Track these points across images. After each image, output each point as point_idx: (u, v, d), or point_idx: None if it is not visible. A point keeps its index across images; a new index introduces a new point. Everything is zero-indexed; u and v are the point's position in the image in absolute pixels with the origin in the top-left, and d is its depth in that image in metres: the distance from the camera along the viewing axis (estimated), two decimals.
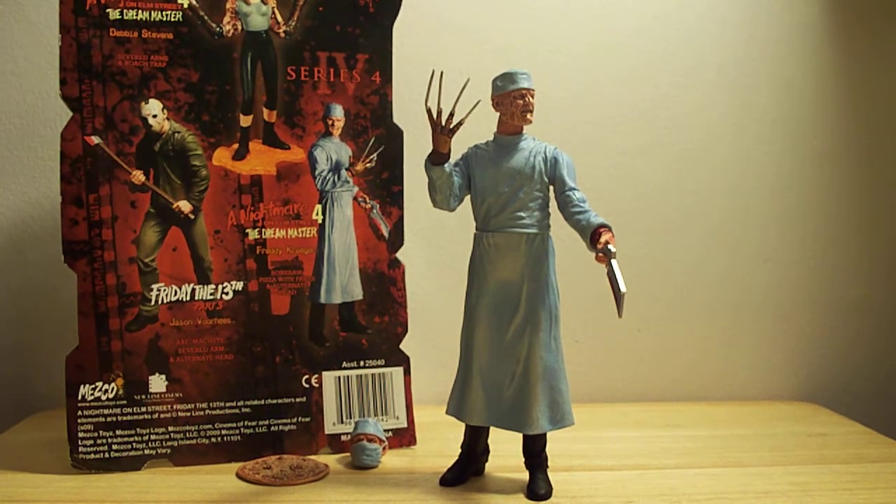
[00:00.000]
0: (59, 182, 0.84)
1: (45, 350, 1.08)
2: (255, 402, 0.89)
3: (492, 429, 0.80)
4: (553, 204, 0.79)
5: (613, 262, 0.71)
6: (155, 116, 0.86)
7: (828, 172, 1.21)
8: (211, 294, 0.88)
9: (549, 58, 1.15)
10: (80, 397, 0.84)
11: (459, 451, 0.82)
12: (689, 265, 1.20)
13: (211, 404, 0.87)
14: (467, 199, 0.80)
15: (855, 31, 1.20)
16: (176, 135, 0.87)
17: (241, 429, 0.88)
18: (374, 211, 0.93)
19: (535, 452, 0.79)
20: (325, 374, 0.92)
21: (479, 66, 0.84)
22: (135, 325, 0.86)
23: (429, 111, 0.74)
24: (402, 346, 0.94)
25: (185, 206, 0.87)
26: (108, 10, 0.84)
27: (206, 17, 0.87)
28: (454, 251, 1.14)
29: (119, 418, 0.84)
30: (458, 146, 0.78)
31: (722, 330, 1.21)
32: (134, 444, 0.84)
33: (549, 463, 0.80)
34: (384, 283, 0.94)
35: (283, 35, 0.89)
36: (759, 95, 1.19)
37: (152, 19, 0.85)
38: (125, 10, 0.84)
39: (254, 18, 0.88)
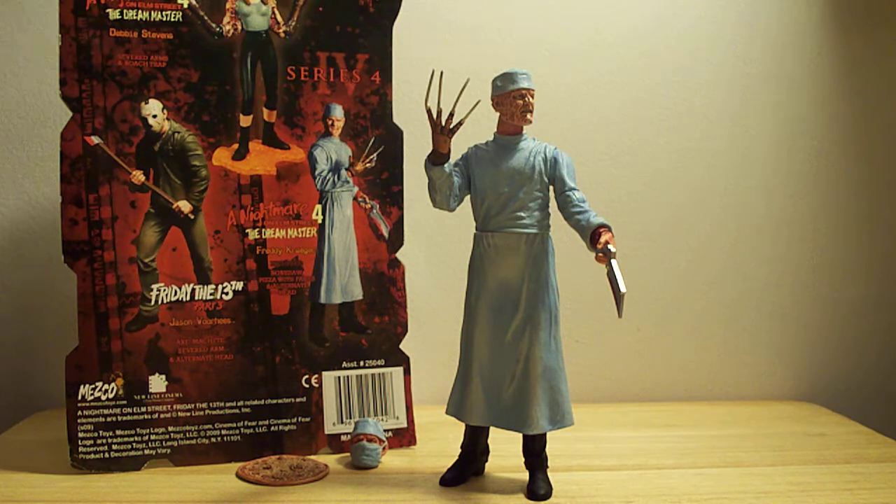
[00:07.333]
0: (59, 182, 0.84)
1: (45, 350, 1.08)
2: (255, 403, 0.89)
3: (492, 429, 0.80)
4: (553, 204, 0.79)
5: (613, 262, 0.71)
6: (155, 116, 0.86)
7: (826, 172, 1.21)
8: (211, 294, 0.88)
9: (549, 57, 1.15)
10: (80, 397, 0.83)
11: (459, 451, 0.82)
12: (688, 265, 1.20)
13: (211, 404, 0.87)
14: (467, 199, 0.80)
15: (854, 30, 1.20)
16: (176, 135, 0.87)
17: (241, 429, 0.88)
18: (374, 211, 0.93)
19: (534, 452, 0.79)
20: (324, 374, 0.92)
21: (479, 66, 0.84)
22: (135, 325, 0.86)
23: (429, 111, 0.74)
24: (402, 346, 0.94)
25: (184, 206, 0.87)
26: (107, 10, 0.84)
27: (205, 17, 0.87)
28: (454, 251, 1.14)
29: (119, 418, 0.84)
30: (458, 146, 0.78)
31: (721, 330, 1.21)
32: (134, 444, 0.84)
33: (549, 463, 0.80)
34: (384, 283, 0.94)
35: (282, 35, 0.89)
36: (758, 95, 1.19)
37: (152, 19, 0.85)
38: (125, 10, 0.84)
39: (254, 18, 0.88)
